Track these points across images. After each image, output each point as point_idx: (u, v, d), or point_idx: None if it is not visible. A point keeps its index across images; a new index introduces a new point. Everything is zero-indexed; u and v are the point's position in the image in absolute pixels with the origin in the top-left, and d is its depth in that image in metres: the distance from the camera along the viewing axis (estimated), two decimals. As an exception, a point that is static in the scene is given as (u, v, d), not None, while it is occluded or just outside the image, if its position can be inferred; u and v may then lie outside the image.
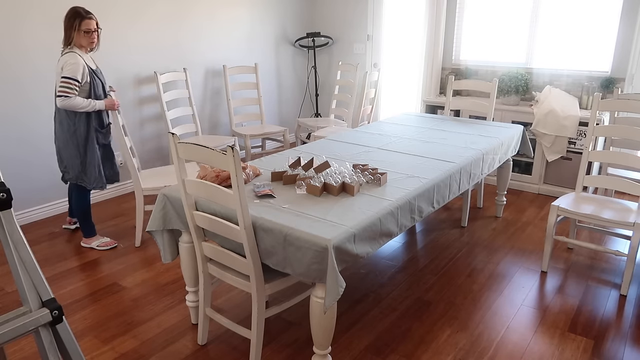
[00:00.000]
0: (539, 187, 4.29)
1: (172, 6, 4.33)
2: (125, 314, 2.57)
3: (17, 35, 3.40)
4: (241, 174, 1.75)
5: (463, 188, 2.77)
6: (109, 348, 2.30)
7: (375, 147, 3.03)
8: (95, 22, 2.94)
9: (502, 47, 4.65)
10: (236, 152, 1.71)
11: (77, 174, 3.08)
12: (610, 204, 2.92)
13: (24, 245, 1.19)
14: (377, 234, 2.03)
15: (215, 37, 4.78)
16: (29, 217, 3.68)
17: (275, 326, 2.46)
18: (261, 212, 2.00)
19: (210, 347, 2.31)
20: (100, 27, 2.99)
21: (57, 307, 1.22)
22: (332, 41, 5.67)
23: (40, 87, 3.58)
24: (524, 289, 2.81)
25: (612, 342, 2.35)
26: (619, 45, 4.06)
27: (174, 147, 1.97)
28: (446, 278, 2.92)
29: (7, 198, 1.16)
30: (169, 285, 2.84)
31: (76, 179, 3.10)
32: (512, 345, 2.32)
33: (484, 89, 3.83)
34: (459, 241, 3.40)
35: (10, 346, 2.29)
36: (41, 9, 3.48)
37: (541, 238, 3.43)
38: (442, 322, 2.49)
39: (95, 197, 4.06)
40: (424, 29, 4.98)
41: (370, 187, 2.32)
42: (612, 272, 2.98)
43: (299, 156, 2.65)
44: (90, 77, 2.97)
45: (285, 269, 1.89)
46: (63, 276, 2.93)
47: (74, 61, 2.85)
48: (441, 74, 5.03)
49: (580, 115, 3.93)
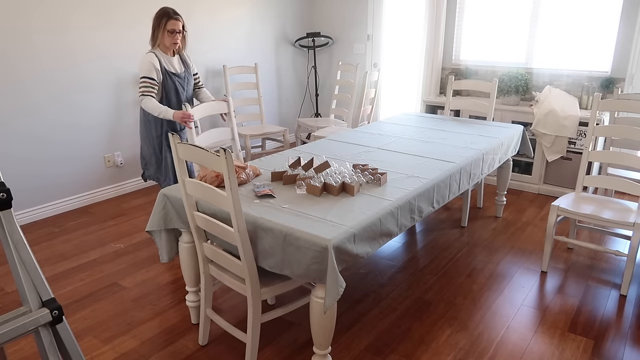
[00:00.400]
0: (539, 187, 4.29)
1: (172, 6, 4.33)
2: (125, 314, 2.57)
3: (21, 35, 3.40)
4: (234, 175, 1.73)
5: (463, 188, 2.77)
6: (109, 348, 2.30)
7: (375, 147, 3.03)
8: (181, 23, 2.99)
9: (502, 47, 4.65)
10: (229, 154, 1.70)
11: (154, 172, 3.18)
12: (610, 204, 2.92)
13: (24, 245, 1.19)
14: (377, 234, 2.03)
15: (216, 37, 4.78)
16: (29, 217, 3.68)
17: (275, 326, 2.46)
18: (261, 212, 2.00)
19: (210, 347, 2.31)
20: (186, 30, 3.05)
21: (57, 307, 1.22)
22: (332, 41, 5.67)
23: (42, 85, 3.58)
24: (524, 289, 2.81)
25: (612, 342, 2.35)
26: (619, 45, 4.06)
27: (175, 148, 1.97)
28: (446, 278, 2.92)
29: (7, 198, 1.16)
30: (169, 285, 2.84)
31: (154, 177, 3.19)
32: (512, 345, 2.32)
33: (484, 89, 3.83)
34: (459, 241, 3.40)
35: (10, 346, 2.29)
36: (46, 9, 3.48)
37: (541, 238, 3.43)
38: (442, 322, 2.49)
39: (96, 197, 4.07)
40: (424, 29, 4.98)
41: (370, 187, 2.32)
42: (612, 272, 2.98)
43: (299, 156, 2.65)
44: (164, 79, 3.00)
45: (284, 271, 1.89)
46: (63, 276, 2.93)
47: (147, 60, 2.93)
48: (441, 74, 5.03)
49: (580, 115, 3.93)
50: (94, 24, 3.81)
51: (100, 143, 4.04)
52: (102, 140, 4.04)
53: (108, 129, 4.06)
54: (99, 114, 3.98)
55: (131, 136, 4.24)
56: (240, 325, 2.46)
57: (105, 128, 4.04)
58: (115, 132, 4.12)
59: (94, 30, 3.82)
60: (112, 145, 4.12)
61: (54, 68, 3.64)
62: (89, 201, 4.04)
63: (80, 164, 3.94)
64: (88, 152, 3.97)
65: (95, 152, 4.02)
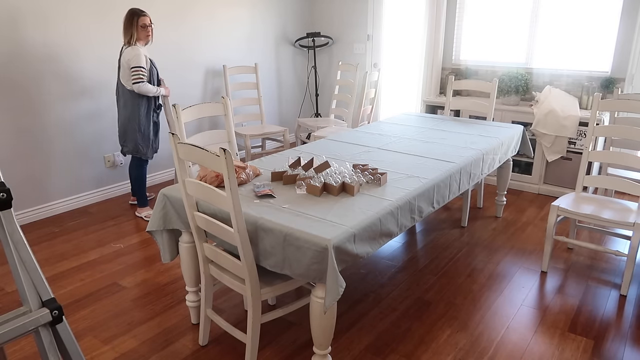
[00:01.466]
0: (539, 187, 4.29)
1: (172, 6, 4.33)
2: (125, 314, 2.57)
3: (19, 34, 3.40)
4: (234, 175, 1.73)
5: (463, 188, 2.77)
6: (109, 348, 2.30)
7: (375, 147, 3.03)
8: (149, 18, 3.49)
9: (502, 47, 4.65)
10: (229, 154, 1.70)
11: (134, 146, 3.60)
12: (610, 204, 2.92)
13: (24, 245, 1.18)
14: (377, 234, 2.03)
15: (216, 37, 4.78)
16: (29, 217, 3.68)
17: (275, 326, 2.46)
18: (261, 212, 2.00)
19: (210, 347, 2.31)
20: (152, 23, 3.53)
21: (57, 307, 1.22)
22: (332, 41, 5.67)
23: (42, 85, 3.58)
24: (524, 289, 2.81)
25: (612, 342, 2.35)
26: (619, 45, 4.06)
27: (175, 148, 1.97)
28: (446, 278, 2.92)
29: (7, 198, 1.15)
30: (169, 285, 2.84)
31: (134, 151, 3.62)
32: (512, 345, 2.32)
33: (484, 89, 3.83)
34: (459, 241, 3.40)
35: (10, 346, 2.29)
36: (41, 7, 3.48)
37: (541, 238, 3.43)
38: (442, 322, 2.49)
39: (96, 197, 4.07)
40: (424, 29, 4.98)
41: (370, 187, 2.32)
42: (612, 272, 2.98)
43: (299, 156, 2.65)
44: (149, 66, 3.54)
45: (284, 270, 1.89)
46: (63, 276, 2.93)
47: (137, 52, 3.41)
48: (441, 74, 5.03)
49: (580, 115, 3.93)
50: (93, 22, 3.81)
51: (100, 143, 4.04)
52: (102, 140, 4.04)
53: (108, 129, 4.06)
54: (99, 113, 3.98)
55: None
56: (240, 326, 2.46)
57: (105, 128, 4.04)
58: (115, 132, 4.11)
59: (93, 29, 3.82)
60: (112, 145, 4.12)
61: (54, 68, 3.64)
62: (89, 201, 4.04)
63: (80, 164, 3.94)
64: (88, 152, 3.97)
65: (95, 152, 4.02)
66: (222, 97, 3.05)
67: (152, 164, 4.45)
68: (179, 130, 2.75)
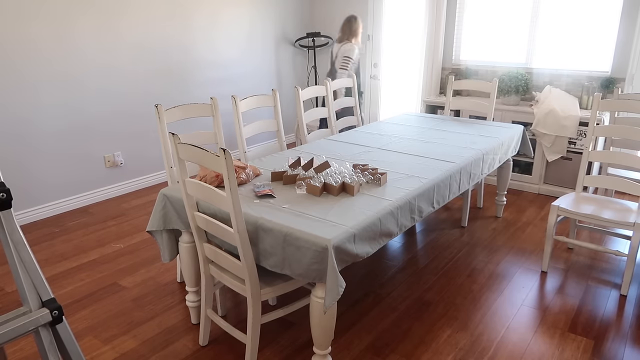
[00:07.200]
0: (539, 187, 4.29)
1: (172, 6, 4.33)
2: (125, 314, 2.57)
3: (22, 34, 3.40)
4: (234, 176, 1.73)
5: (463, 188, 2.77)
6: (109, 348, 2.30)
7: (375, 147, 3.03)
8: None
9: (502, 47, 4.65)
10: (228, 155, 1.70)
11: None
12: (610, 204, 2.92)
13: (24, 245, 1.19)
14: (377, 234, 2.03)
15: (216, 37, 4.78)
16: (29, 217, 3.68)
17: (275, 326, 2.46)
18: (261, 212, 2.00)
19: (211, 347, 2.31)
20: None
21: (57, 307, 1.22)
22: (332, 41, 5.67)
23: (42, 85, 3.59)
24: (524, 289, 2.80)
25: (612, 342, 2.34)
26: (619, 45, 4.06)
27: (175, 148, 1.97)
28: (446, 278, 2.92)
29: (7, 198, 1.16)
30: (169, 285, 2.84)
31: None
32: (512, 345, 2.32)
33: (484, 89, 3.83)
34: (459, 241, 3.40)
35: (10, 346, 2.29)
36: (49, 8, 3.48)
37: (541, 238, 3.43)
38: (442, 322, 2.49)
39: (96, 197, 4.06)
40: (424, 29, 4.98)
41: (370, 187, 2.32)
42: (612, 272, 2.98)
43: (299, 156, 2.65)
44: None
45: (284, 270, 1.89)
46: (63, 276, 2.93)
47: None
48: (441, 74, 5.02)
49: (581, 115, 3.93)
50: (96, 24, 3.81)
51: (100, 143, 4.04)
52: (102, 140, 4.04)
53: (108, 129, 4.06)
54: (99, 113, 3.98)
55: (131, 136, 4.24)
56: (240, 326, 2.46)
57: (105, 128, 4.04)
58: (115, 132, 4.12)
59: (95, 30, 3.82)
60: (112, 145, 4.12)
61: (53, 68, 3.64)
62: (89, 201, 4.04)
63: (80, 163, 3.94)
64: (88, 152, 3.97)
65: (95, 152, 4.02)
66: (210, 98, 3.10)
67: (152, 164, 4.45)
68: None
